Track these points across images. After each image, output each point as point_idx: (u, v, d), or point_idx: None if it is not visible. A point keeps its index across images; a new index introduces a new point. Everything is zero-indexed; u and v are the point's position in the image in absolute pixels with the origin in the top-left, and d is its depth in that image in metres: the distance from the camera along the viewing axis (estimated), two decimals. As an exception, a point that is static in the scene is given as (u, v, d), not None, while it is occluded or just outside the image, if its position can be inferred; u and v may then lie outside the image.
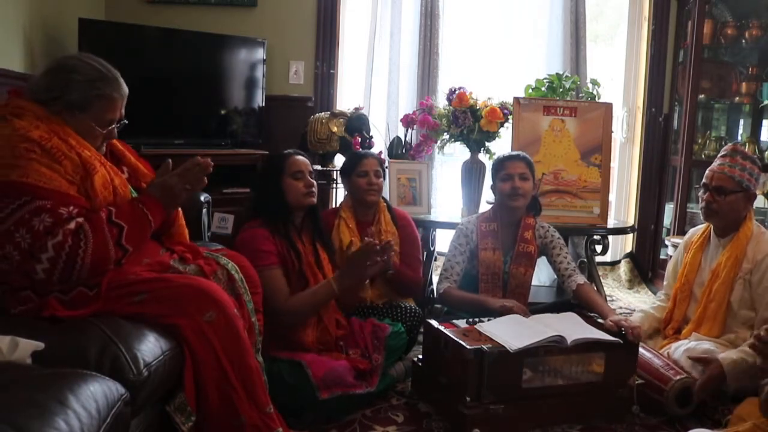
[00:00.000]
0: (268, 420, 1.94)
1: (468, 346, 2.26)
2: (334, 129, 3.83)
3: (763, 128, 4.64)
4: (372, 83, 4.61)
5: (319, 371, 2.34)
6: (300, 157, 2.68)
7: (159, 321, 1.83)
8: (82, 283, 1.84)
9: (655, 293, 4.36)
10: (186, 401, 1.83)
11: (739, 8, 4.54)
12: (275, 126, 4.40)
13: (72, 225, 1.76)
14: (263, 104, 4.31)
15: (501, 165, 2.97)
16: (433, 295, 3.64)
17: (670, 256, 3.34)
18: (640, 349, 2.58)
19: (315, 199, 2.67)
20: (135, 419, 1.64)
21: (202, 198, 2.96)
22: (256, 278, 2.23)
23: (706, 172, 2.81)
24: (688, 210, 4.43)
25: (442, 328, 2.46)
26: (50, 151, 1.80)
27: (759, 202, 4.37)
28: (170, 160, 2.06)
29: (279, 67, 4.49)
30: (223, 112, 4.21)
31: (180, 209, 2.23)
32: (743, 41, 4.45)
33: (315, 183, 2.67)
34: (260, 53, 4.27)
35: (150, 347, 1.72)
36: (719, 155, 2.81)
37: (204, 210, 2.95)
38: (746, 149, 4.30)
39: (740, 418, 2.33)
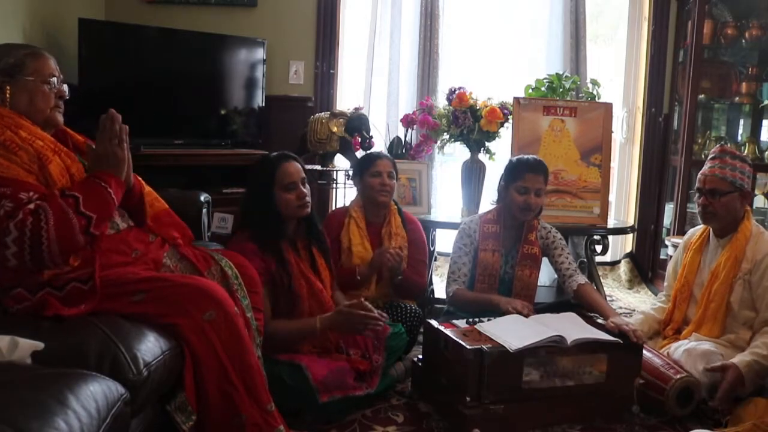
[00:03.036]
0: (269, 418, 1.94)
1: (468, 346, 2.26)
2: (334, 129, 3.82)
3: (763, 128, 4.64)
4: (372, 83, 4.61)
5: (318, 374, 2.32)
6: (291, 165, 2.53)
7: (159, 320, 1.84)
8: (75, 278, 1.84)
9: (655, 293, 4.36)
10: (186, 400, 1.83)
11: (739, 8, 4.54)
12: (275, 126, 4.40)
13: (31, 206, 1.77)
14: (263, 104, 4.31)
15: (519, 175, 2.87)
16: (433, 295, 3.65)
17: (670, 257, 3.34)
18: (641, 349, 2.59)
19: (309, 209, 2.56)
20: (135, 419, 1.64)
21: (202, 198, 2.96)
22: (256, 277, 2.23)
23: (699, 176, 2.82)
24: (688, 210, 4.43)
25: (442, 328, 2.46)
26: (4, 144, 1.82)
27: (759, 202, 4.39)
28: (89, 142, 2.06)
29: (279, 67, 4.49)
30: (223, 112, 4.21)
31: (141, 180, 2.20)
32: (743, 41, 4.45)
33: (308, 191, 2.56)
34: (260, 53, 4.27)
35: (150, 347, 1.72)
36: (708, 158, 2.82)
37: (204, 210, 2.95)
38: (746, 149, 4.33)
39: (740, 417, 2.34)
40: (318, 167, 3.90)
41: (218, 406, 1.86)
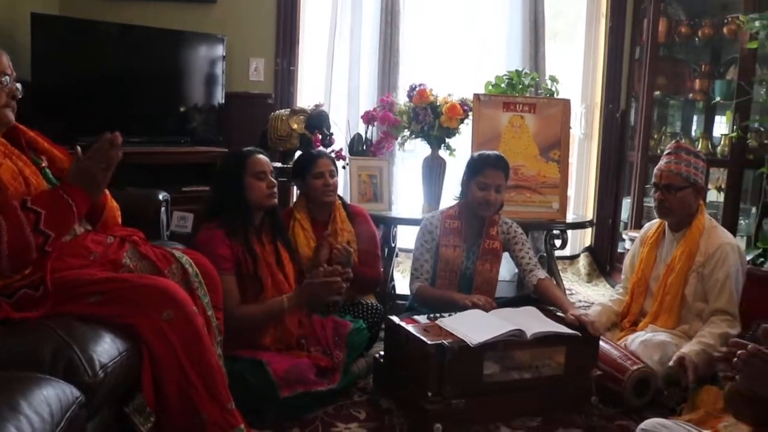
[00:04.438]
0: (230, 417, 1.93)
1: (429, 342, 2.27)
2: (295, 126, 3.80)
3: (715, 124, 4.76)
4: (332, 80, 4.59)
5: (279, 369, 2.33)
6: (262, 156, 2.62)
7: (116, 321, 1.81)
8: (25, 285, 1.81)
9: (613, 286, 4.43)
10: (145, 402, 1.81)
11: (693, 7, 4.65)
12: (235, 123, 4.36)
13: None
14: (223, 101, 4.27)
15: (480, 170, 2.90)
16: (395, 291, 3.66)
17: (628, 250, 3.40)
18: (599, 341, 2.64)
19: (276, 200, 2.62)
20: (91, 422, 1.62)
21: (160, 196, 2.92)
22: (215, 275, 2.21)
23: (655, 171, 2.87)
24: (644, 204, 4.52)
25: (403, 324, 2.47)
26: None
27: (712, 196, 4.49)
28: (79, 147, 2.00)
29: (239, 63, 4.45)
30: (182, 109, 4.16)
31: (107, 192, 2.17)
32: (696, 39, 4.55)
33: (276, 183, 2.62)
34: (220, 50, 4.22)
35: (106, 348, 1.70)
36: (665, 153, 2.88)
37: (162, 209, 2.91)
38: (699, 144, 4.43)
39: (694, 405, 2.40)
40: (279, 164, 3.87)
41: (177, 407, 1.84)
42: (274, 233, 2.65)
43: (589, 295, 4.43)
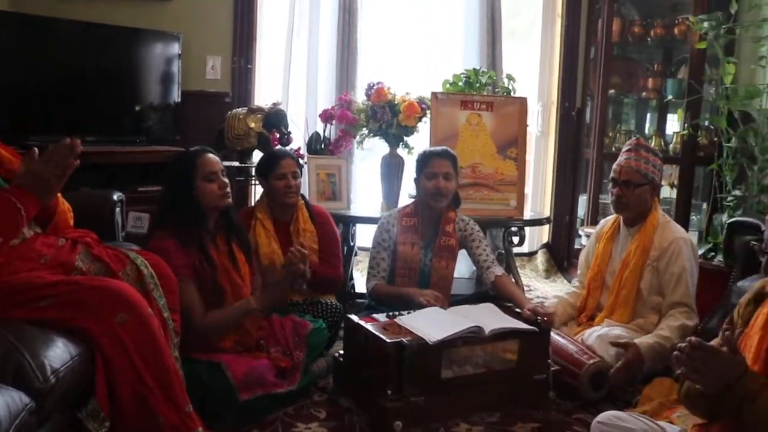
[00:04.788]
0: (187, 420, 1.91)
1: (388, 340, 2.28)
2: (252, 125, 3.77)
3: (667, 122, 4.86)
4: (290, 78, 4.56)
5: (238, 372, 2.31)
6: (212, 156, 2.54)
7: (68, 325, 1.78)
8: None
9: (570, 282, 4.50)
10: (99, 407, 1.79)
11: (645, 8, 4.74)
12: (192, 122, 4.30)
13: None
14: (179, 100, 4.21)
15: (426, 161, 2.96)
16: (354, 290, 3.65)
17: (585, 246, 3.45)
18: (556, 336, 2.67)
19: (230, 200, 2.56)
20: (42, 429, 1.59)
21: (114, 197, 2.87)
22: (171, 276, 2.18)
23: (614, 166, 2.92)
24: (600, 201, 4.59)
25: (362, 322, 2.47)
26: None
27: (665, 192, 4.59)
28: (35, 149, 1.94)
29: (195, 61, 4.39)
30: (137, 108, 4.09)
31: (60, 194, 2.12)
32: (649, 39, 4.63)
33: (228, 182, 2.56)
34: (175, 48, 4.16)
35: (58, 353, 1.66)
36: (624, 150, 2.93)
37: (117, 209, 2.86)
38: (652, 142, 4.51)
39: (648, 397, 2.45)
40: (236, 164, 3.84)
41: (133, 410, 1.82)
42: (229, 233, 2.60)
43: (547, 291, 4.48)
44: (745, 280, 2.82)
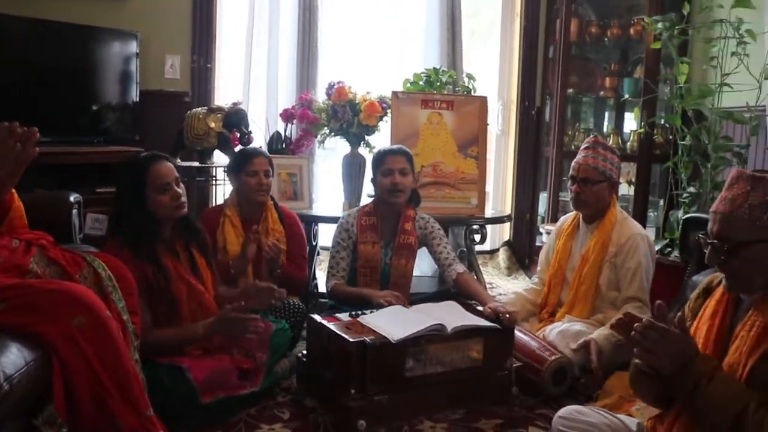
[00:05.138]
0: (148, 424, 1.88)
1: (351, 339, 2.28)
2: (212, 125, 3.73)
3: (625, 120, 4.94)
4: (250, 77, 4.52)
5: (200, 375, 2.27)
6: (163, 165, 2.42)
7: (23, 330, 1.73)
8: None
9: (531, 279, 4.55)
10: (56, 412, 1.74)
11: (602, 8, 4.82)
12: (151, 122, 4.24)
13: None
14: (138, 99, 4.14)
15: (381, 159, 2.99)
16: (317, 290, 3.65)
17: (545, 243, 3.49)
18: (518, 333, 2.70)
19: (185, 209, 2.47)
20: (-4, 436, 1.55)
21: (71, 198, 2.81)
22: (130, 279, 2.14)
23: (573, 164, 2.97)
24: (560, 198, 4.65)
25: (325, 322, 2.47)
26: None
27: (623, 189, 4.67)
28: None
29: (154, 60, 4.32)
30: (94, 107, 4.00)
31: (14, 192, 2.05)
32: (606, 39, 4.71)
33: (183, 190, 2.46)
34: (133, 46, 4.09)
35: (12, 359, 1.62)
36: (582, 148, 2.98)
37: (74, 211, 2.80)
38: (610, 140, 4.59)
39: (608, 391, 2.49)
40: (196, 164, 3.80)
41: (92, 415, 1.78)
42: (189, 239, 2.55)
43: (509, 288, 4.52)
44: (700, 274, 2.88)
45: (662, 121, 4.37)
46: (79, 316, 1.77)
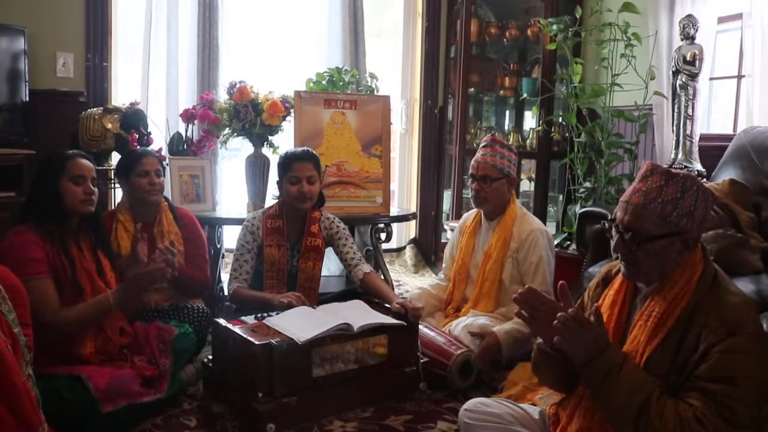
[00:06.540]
0: (43, 440, 1.80)
1: (256, 342, 2.26)
2: (109, 125, 3.60)
3: (524, 119, 5.10)
4: (149, 77, 4.39)
5: (100, 383, 2.21)
6: (85, 161, 2.50)
7: None
8: None
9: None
10: (-63, 437, 1.64)
11: (500, 10, 4.95)
12: (43, 123, 4.04)
13: None
14: (27, 99, 3.94)
15: (288, 165, 2.94)
16: (223, 293, 3.58)
17: (449, 240, 3.56)
18: (425, 329, 2.75)
19: (93, 208, 2.50)
20: None
21: (-45, 204, 2.66)
22: (21, 288, 2.03)
23: (472, 162, 3.04)
24: (464, 196, 4.75)
25: (230, 325, 2.44)
26: None
27: (524, 185, 4.82)
28: None
29: (44, 58, 4.13)
30: (-22, 108, 3.80)
31: None
32: (505, 40, 4.84)
33: (96, 191, 2.50)
34: (20, 43, 3.89)
35: None
36: (481, 146, 3.05)
37: (-41, 217, 2.66)
38: (511, 138, 4.73)
39: (513, 382, 2.58)
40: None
41: (-19, 438, 1.68)
42: (95, 241, 2.54)
43: (416, 285, 4.57)
44: (595, 265, 3.03)
45: (559, 119, 4.53)
46: (-38, 330, 1.67)
